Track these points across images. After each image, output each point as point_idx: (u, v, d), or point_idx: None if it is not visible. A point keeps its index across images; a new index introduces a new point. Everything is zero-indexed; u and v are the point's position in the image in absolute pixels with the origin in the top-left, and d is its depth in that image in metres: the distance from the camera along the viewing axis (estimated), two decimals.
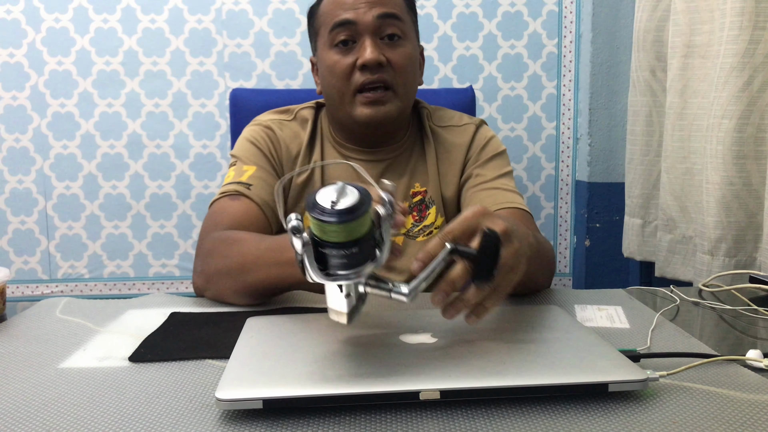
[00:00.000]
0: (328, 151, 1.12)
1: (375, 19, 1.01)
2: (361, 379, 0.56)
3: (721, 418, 0.52)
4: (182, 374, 0.62)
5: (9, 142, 1.87)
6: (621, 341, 0.72)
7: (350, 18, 1.01)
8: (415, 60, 1.08)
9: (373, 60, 1.00)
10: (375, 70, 1.01)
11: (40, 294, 1.92)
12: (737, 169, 1.25)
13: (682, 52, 1.39)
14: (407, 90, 1.07)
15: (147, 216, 1.91)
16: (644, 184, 1.57)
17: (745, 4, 1.21)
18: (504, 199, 1.04)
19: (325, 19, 1.05)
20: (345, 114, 1.05)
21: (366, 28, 1.01)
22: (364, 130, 1.07)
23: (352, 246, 0.55)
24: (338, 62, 1.03)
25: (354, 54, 1.02)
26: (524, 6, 1.90)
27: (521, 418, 0.52)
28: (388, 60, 1.02)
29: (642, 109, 1.55)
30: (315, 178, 1.09)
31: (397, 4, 1.05)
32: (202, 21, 1.86)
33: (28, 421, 0.53)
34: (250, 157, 1.06)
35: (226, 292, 0.87)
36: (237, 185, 1.01)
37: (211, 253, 0.91)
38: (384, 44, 1.03)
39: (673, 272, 1.46)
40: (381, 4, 1.02)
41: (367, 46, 1.01)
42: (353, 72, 1.02)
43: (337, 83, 1.03)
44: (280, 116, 1.13)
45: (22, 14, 1.83)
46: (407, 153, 1.12)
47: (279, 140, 1.10)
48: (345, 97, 1.03)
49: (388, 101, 1.03)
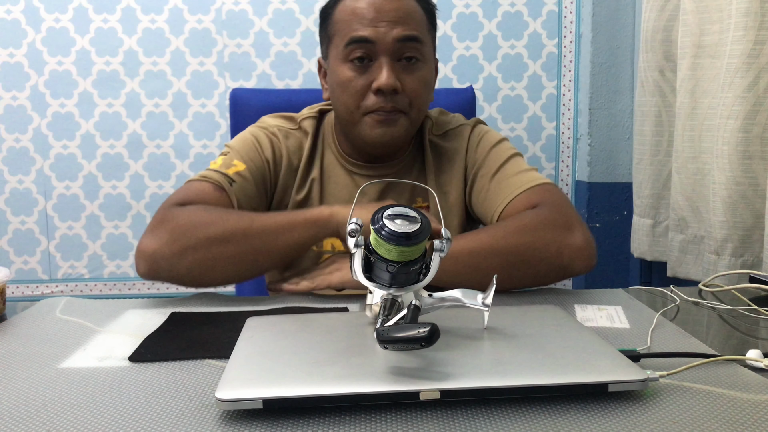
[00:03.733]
0: (329, 162, 1.09)
1: (395, 42, 0.97)
2: (361, 379, 0.55)
3: (721, 418, 0.52)
4: (182, 374, 0.62)
5: (9, 142, 1.87)
6: (621, 341, 0.72)
7: (369, 37, 0.97)
8: (430, 83, 1.05)
9: (389, 86, 0.96)
10: (389, 96, 0.98)
11: (40, 294, 1.92)
12: (743, 169, 1.25)
13: (691, 52, 1.39)
14: (419, 113, 1.04)
15: (147, 216, 1.91)
16: (654, 184, 1.57)
17: (750, 5, 1.21)
18: (511, 188, 1.01)
19: (341, 29, 1.00)
20: (352, 131, 1.03)
21: (384, 50, 0.97)
22: (370, 149, 1.05)
23: (400, 264, 0.62)
24: (351, 81, 0.99)
25: (369, 75, 0.98)
26: (524, 6, 1.90)
27: (521, 418, 0.52)
28: (403, 85, 0.98)
29: (651, 110, 1.55)
30: (313, 194, 1.07)
31: (419, 23, 1.01)
32: (202, 21, 1.86)
33: (28, 421, 0.53)
34: (244, 154, 1.03)
35: (215, 262, 0.86)
36: (222, 176, 0.99)
37: (189, 223, 0.88)
38: (400, 66, 0.99)
39: (686, 272, 1.46)
40: (403, 24, 0.98)
41: (383, 71, 0.97)
42: (366, 93, 0.99)
43: (347, 101, 1.00)
44: (287, 124, 1.10)
45: (22, 14, 1.83)
46: (408, 168, 1.10)
47: (282, 149, 1.07)
48: (354, 116, 1.00)
49: (398, 123, 1.00)
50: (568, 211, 0.95)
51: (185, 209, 0.91)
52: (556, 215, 0.94)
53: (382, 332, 0.55)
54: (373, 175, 1.08)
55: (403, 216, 0.61)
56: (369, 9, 0.98)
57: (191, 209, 0.91)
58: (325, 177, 1.08)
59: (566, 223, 0.93)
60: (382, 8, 0.98)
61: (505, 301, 0.88)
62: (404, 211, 0.61)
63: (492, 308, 0.67)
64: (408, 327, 0.55)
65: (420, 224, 0.60)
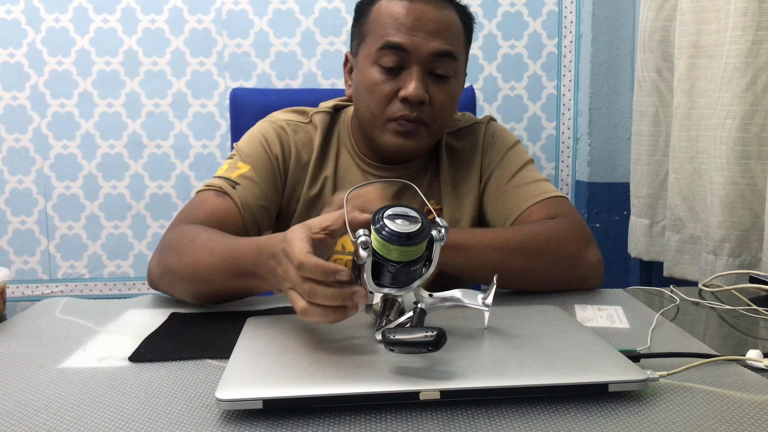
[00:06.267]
0: (344, 160, 1.07)
1: (430, 55, 0.95)
2: (362, 379, 0.56)
3: (721, 418, 0.52)
4: (182, 374, 0.62)
5: (9, 142, 1.87)
6: (621, 341, 0.72)
7: (404, 45, 0.94)
8: (457, 99, 1.03)
9: (417, 98, 0.94)
10: (415, 106, 0.95)
11: (40, 294, 1.92)
12: (741, 169, 1.25)
13: (689, 53, 1.39)
14: (441, 127, 1.02)
15: (147, 216, 1.91)
16: (651, 184, 1.57)
17: (748, 5, 1.21)
18: (532, 194, 1.02)
19: (377, 29, 0.97)
20: (372, 134, 1.01)
21: (418, 61, 0.95)
22: (386, 153, 1.04)
23: (401, 264, 0.61)
24: (379, 85, 0.96)
25: (398, 82, 0.96)
26: (524, 6, 1.90)
27: (521, 418, 0.52)
28: (431, 98, 0.96)
29: (648, 110, 1.55)
30: (326, 191, 1.05)
31: (456, 38, 0.98)
32: (202, 21, 1.86)
33: (28, 421, 0.53)
34: (250, 154, 1.02)
35: (177, 292, 0.87)
36: (224, 181, 0.98)
37: (170, 247, 0.88)
38: (431, 79, 0.97)
39: (682, 272, 1.46)
40: (441, 37, 0.95)
41: (413, 81, 0.94)
42: (392, 100, 0.96)
43: (372, 104, 0.98)
44: (297, 117, 1.08)
45: (22, 14, 1.83)
46: (423, 170, 1.09)
47: (290, 144, 1.05)
48: (376, 120, 0.98)
49: (419, 135, 0.98)
50: (585, 228, 0.98)
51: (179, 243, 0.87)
52: (577, 230, 0.96)
53: (389, 334, 0.55)
54: (389, 176, 1.06)
55: (404, 216, 0.61)
56: (408, 15, 0.95)
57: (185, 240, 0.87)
58: (339, 175, 1.07)
59: (585, 239, 0.96)
60: (423, 17, 0.95)
61: (505, 301, 0.88)
62: (404, 211, 0.61)
63: (492, 308, 0.67)
64: (415, 330, 0.55)
65: (420, 224, 0.60)
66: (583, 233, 0.96)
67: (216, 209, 0.95)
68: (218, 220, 0.94)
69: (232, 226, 0.95)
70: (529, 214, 1.00)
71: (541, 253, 0.91)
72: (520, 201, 1.02)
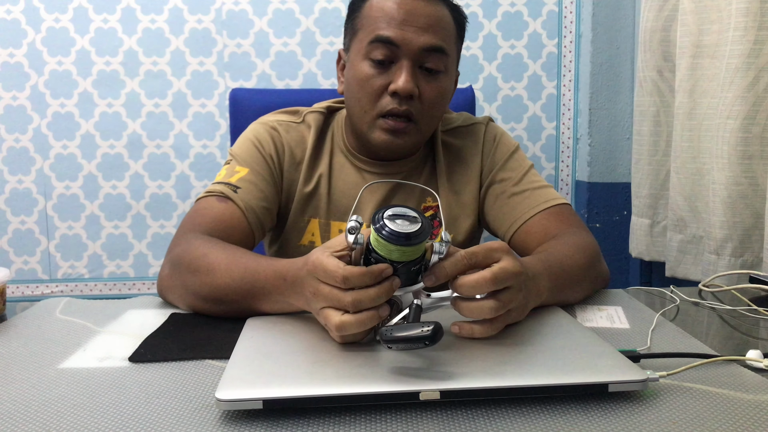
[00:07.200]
0: (338, 159, 1.08)
1: (419, 49, 0.95)
2: (361, 379, 0.56)
3: (721, 418, 0.52)
4: (182, 374, 0.62)
5: (9, 142, 1.87)
6: (621, 341, 0.72)
7: (394, 38, 0.95)
8: (447, 95, 1.03)
9: (406, 91, 0.95)
10: (404, 100, 0.96)
11: (40, 294, 1.92)
12: (743, 169, 1.25)
13: (690, 53, 1.39)
14: (431, 124, 1.02)
15: (147, 216, 1.91)
16: (652, 184, 1.57)
17: (750, 5, 1.21)
18: (539, 201, 1.02)
19: (368, 24, 0.98)
20: (361, 129, 1.01)
21: (408, 55, 0.96)
22: (376, 151, 1.04)
23: (401, 265, 0.61)
24: (369, 79, 0.97)
25: (388, 76, 0.97)
26: (524, 6, 1.90)
27: (521, 418, 0.52)
28: (420, 92, 0.97)
29: (649, 110, 1.55)
30: (321, 190, 1.06)
31: (447, 33, 0.99)
32: (202, 21, 1.86)
33: (28, 421, 0.53)
34: (246, 158, 1.03)
35: (193, 305, 0.83)
36: (224, 186, 0.98)
37: (181, 262, 0.85)
38: (421, 73, 0.97)
39: (684, 272, 1.46)
40: (431, 32, 0.96)
41: (403, 74, 0.95)
42: (382, 94, 0.97)
43: (362, 99, 0.98)
44: (288, 118, 1.09)
45: (22, 14, 1.83)
46: (419, 168, 1.09)
47: (283, 143, 1.06)
48: (366, 116, 0.99)
49: (408, 133, 0.99)
50: (595, 241, 0.97)
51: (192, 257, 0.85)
52: (593, 244, 0.95)
53: (386, 332, 0.55)
54: (383, 173, 1.07)
55: (404, 216, 0.61)
56: (399, 10, 0.96)
57: (198, 255, 0.84)
58: (334, 173, 1.07)
59: (599, 253, 0.95)
60: (414, 12, 0.96)
61: None
62: (405, 212, 0.61)
63: None
64: (411, 326, 0.55)
65: (420, 224, 0.60)
66: (596, 247, 0.95)
67: (221, 215, 0.95)
68: (224, 225, 0.94)
69: (238, 230, 0.95)
70: (534, 221, 1.01)
71: (575, 270, 0.86)
72: (526, 208, 1.02)
